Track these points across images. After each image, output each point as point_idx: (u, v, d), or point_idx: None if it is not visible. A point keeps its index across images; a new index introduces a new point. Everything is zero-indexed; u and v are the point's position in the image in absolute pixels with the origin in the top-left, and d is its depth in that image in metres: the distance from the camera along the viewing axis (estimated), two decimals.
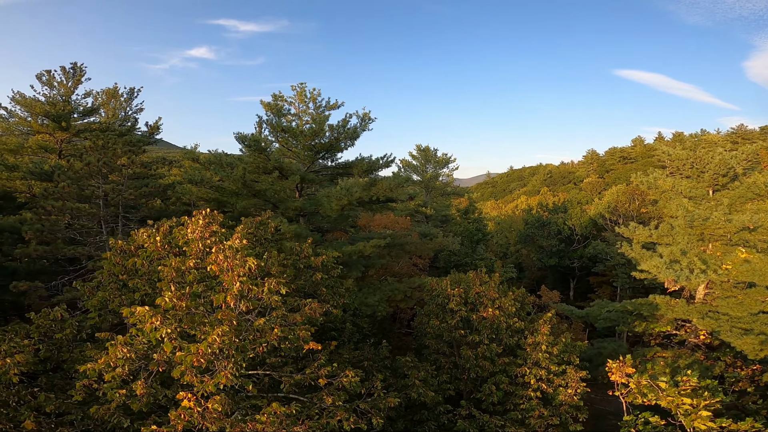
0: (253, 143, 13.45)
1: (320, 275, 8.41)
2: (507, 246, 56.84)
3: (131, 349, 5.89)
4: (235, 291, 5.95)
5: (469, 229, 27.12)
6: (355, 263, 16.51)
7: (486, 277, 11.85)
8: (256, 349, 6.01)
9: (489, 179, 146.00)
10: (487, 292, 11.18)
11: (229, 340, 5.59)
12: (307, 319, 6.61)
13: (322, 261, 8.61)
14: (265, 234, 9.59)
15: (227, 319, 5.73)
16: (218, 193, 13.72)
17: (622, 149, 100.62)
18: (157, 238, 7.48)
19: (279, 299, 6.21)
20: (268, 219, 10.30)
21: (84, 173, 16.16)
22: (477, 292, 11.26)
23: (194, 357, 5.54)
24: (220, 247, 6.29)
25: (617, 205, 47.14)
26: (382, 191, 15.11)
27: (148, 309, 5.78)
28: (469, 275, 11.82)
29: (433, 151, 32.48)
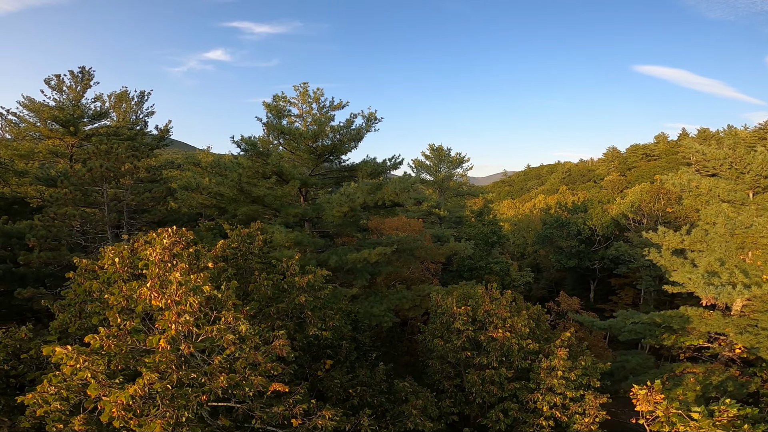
0: (251, 146, 12.49)
1: (305, 297, 7.32)
2: (524, 246, 54.75)
3: (63, 386, 4.99)
4: (173, 333, 4.95)
5: (484, 232, 25.62)
6: (361, 271, 15.40)
7: (497, 293, 10.47)
8: (199, 398, 4.98)
9: (506, 178, 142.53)
10: (497, 311, 9.84)
11: (162, 388, 4.62)
12: (274, 356, 5.55)
13: (308, 281, 7.51)
14: (250, 248, 8.57)
15: (165, 362, 4.75)
16: (216, 199, 12.84)
17: (644, 146, 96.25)
18: (116, 259, 6.54)
19: (234, 338, 5.17)
20: (258, 230, 9.28)
21: (87, 179, 15.61)
22: (486, 310, 9.93)
23: (115, 407, 4.58)
24: (167, 278, 5.29)
25: (641, 204, 44.50)
26: (388, 195, 13.92)
27: (70, 349, 4.85)
28: (477, 291, 10.48)
29: (446, 150, 31.00)
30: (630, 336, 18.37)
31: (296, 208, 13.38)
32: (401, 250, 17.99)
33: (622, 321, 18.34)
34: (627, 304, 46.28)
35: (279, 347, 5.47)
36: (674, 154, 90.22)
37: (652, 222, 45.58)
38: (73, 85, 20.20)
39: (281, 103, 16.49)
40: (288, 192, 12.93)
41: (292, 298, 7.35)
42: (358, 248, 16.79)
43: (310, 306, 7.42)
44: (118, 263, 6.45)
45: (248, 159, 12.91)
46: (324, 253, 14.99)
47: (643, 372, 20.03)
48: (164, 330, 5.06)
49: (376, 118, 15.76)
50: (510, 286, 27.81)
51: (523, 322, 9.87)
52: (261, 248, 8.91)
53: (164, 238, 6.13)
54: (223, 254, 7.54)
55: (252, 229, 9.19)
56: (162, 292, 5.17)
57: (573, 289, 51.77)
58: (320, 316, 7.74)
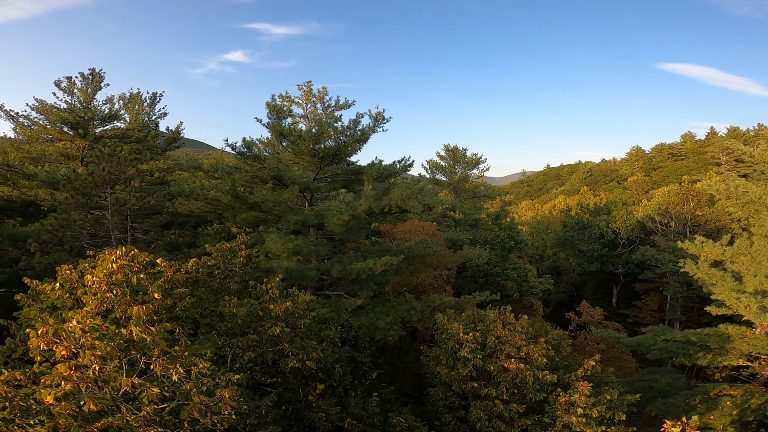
0: (245, 150, 11.46)
1: (280, 329, 6.15)
2: (543, 249, 52.41)
3: None
4: (67, 389, 3.86)
5: (501, 237, 23.98)
6: (366, 281, 14.19)
7: (511, 317, 9.01)
8: None
9: (524, 178, 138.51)
10: (510, 338, 8.42)
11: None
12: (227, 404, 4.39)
13: (286, 309, 6.35)
14: (230, 266, 7.47)
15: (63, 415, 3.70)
16: (212, 205, 11.89)
17: (670, 146, 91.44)
18: (57, 284, 5.56)
19: (158, 391, 4.07)
20: (242, 244, 8.18)
21: (89, 183, 14.99)
22: (498, 336, 8.54)
23: None
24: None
25: (669, 206, 41.61)
26: (395, 201, 12.64)
27: None
28: (488, 314, 9.06)
29: (462, 151, 29.37)
30: (660, 355, 16.51)
31: (297, 215, 12.28)
32: (412, 256, 16.69)
33: (652, 338, 16.49)
34: (652, 309, 43.56)
35: (225, 401, 4.32)
36: (702, 154, 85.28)
37: (681, 225, 42.62)
38: (83, 87, 19.75)
39: (285, 103, 15.44)
40: (287, 198, 11.84)
41: (266, 328, 6.20)
42: (365, 256, 15.57)
43: (287, 337, 6.26)
44: (58, 289, 5.45)
45: (245, 163, 11.89)
46: (327, 261, 13.86)
47: (674, 393, 18.06)
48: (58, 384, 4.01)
49: (384, 118, 14.47)
50: (528, 293, 26.07)
51: (540, 351, 8.43)
52: (244, 265, 7.80)
53: (112, 259, 5.08)
54: (192, 276, 6.46)
55: (235, 243, 8.09)
56: (57, 340, 4.11)
57: (594, 293, 49.14)
58: (301, 345, 6.59)
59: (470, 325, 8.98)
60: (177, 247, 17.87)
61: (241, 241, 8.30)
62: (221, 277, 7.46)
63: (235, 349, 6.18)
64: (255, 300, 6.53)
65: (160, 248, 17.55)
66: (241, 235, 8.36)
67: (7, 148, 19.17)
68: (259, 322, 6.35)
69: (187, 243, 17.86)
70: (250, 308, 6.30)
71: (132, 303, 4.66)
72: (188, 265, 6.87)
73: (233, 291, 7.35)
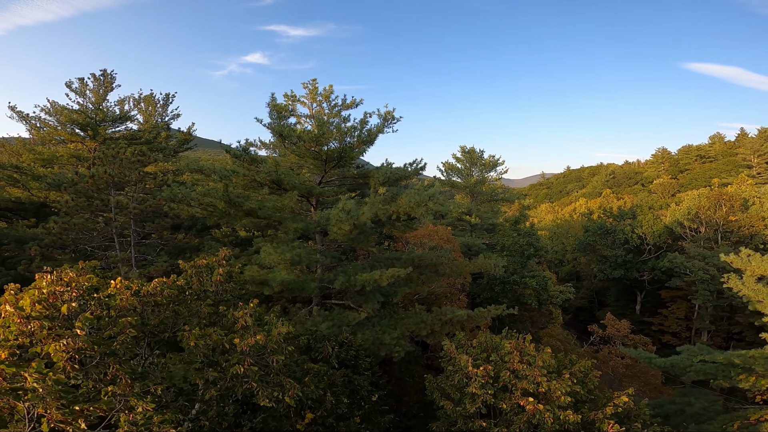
0: (241, 153, 10.48)
1: (244, 367, 5.01)
2: (563, 253, 50.02)
3: None
4: None
5: (519, 243, 22.37)
6: (372, 293, 13.02)
7: (531, 348, 7.56)
8: None
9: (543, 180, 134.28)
10: (529, 372, 7.04)
11: None
12: None
13: (255, 343, 5.21)
14: (203, 285, 6.43)
15: None
16: (208, 211, 10.97)
17: (698, 147, 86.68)
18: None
19: None
20: (224, 259, 7.13)
21: (90, 185, 14.40)
22: (515, 369, 7.18)
23: None
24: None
25: (699, 211, 38.76)
26: (403, 208, 11.42)
27: None
28: (504, 344, 7.68)
29: (479, 152, 27.77)
30: (697, 377, 14.69)
31: (297, 222, 11.22)
32: (422, 265, 15.43)
33: (688, 359, 14.68)
34: (678, 318, 40.84)
35: None
36: (732, 156, 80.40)
37: (711, 231, 39.67)
38: (95, 88, 19.33)
39: (290, 102, 14.42)
40: (286, 204, 10.79)
41: (231, 363, 5.09)
42: (373, 265, 14.39)
43: (254, 376, 5.14)
44: None
45: (241, 166, 10.92)
46: (330, 272, 12.76)
47: (710, 418, 16.15)
48: None
49: (394, 118, 13.24)
50: (547, 301, 24.34)
51: (563, 389, 7.05)
52: (223, 284, 6.74)
53: (42, 283, 4.09)
54: (150, 300, 5.44)
55: (215, 258, 7.04)
56: None
57: (617, 300, 46.49)
58: (277, 382, 5.46)
59: (482, 354, 7.67)
60: (183, 251, 17.17)
61: (222, 255, 7.24)
62: (193, 298, 6.42)
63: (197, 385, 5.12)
64: (221, 330, 5.44)
65: (164, 252, 16.91)
66: (224, 249, 7.30)
67: (19, 150, 18.93)
68: (224, 356, 5.27)
69: (193, 247, 17.14)
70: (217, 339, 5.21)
71: (52, 338, 3.65)
72: (150, 287, 5.85)
73: (205, 315, 6.28)
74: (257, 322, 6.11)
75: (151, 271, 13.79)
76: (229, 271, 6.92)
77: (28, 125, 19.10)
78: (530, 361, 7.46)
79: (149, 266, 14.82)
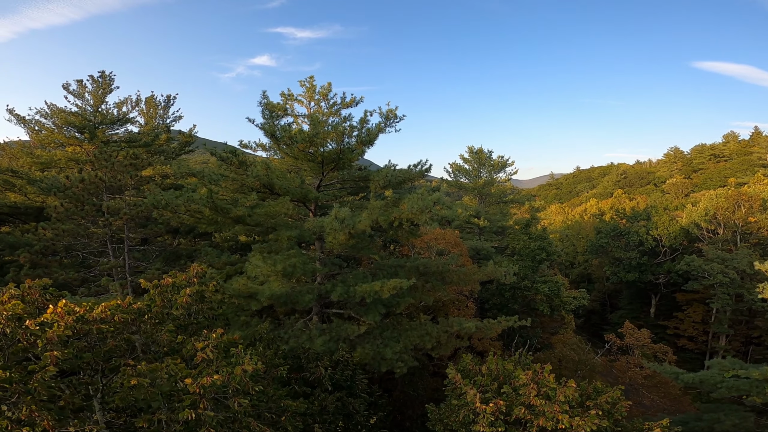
0: (227, 156, 9.50)
1: (195, 412, 3.94)
2: (574, 255, 48.24)
3: None
4: None
5: (531, 247, 21.04)
6: (373, 304, 11.91)
7: (550, 378, 6.34)
8: None
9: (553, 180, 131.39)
10: (548, 408, 5.84)
11: None
12: None
13: (212, 383, 4.12)
14: (166, 308, 5.41)
15: None
16: (195, 218, 10.01)
17: (712, 146, 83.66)
18: None
19: None
20: (194, 277, 6.10)
21: (80, 190, 13.60)
22: (530, 404, 5.99)
23: None
24: None
25: (717, 212, 36.77)
26: (406, 214, 10.29)
27: None
28: (518, 374, 6.49)
29: (487, 153, 26.46)
30: (729, 393, 13.26)
31: (290, 230, 10.18)
32: (428, 273, 14.27)
33: (719, 374, 13.25)
34: (695, 321, 38.93)
35: None
36: (747, 155, 77.34)
37: (730, 233, 37.64)
38: (94, 90, 18.60)
39: (287, 101, 13.39)
40: (278, 210, 9.75)
41: (184, 405, 4.04)
42: (375, 273, 13.29)
43: (211, 422, 4.07)
44: None
45: (228, 170, 9.93)
46: (328, 282, 11.68)
47: None
48: None
49: (396, 116, 12.09)
50: (560, 308, 22.93)
51: (588, 426, 5.85)
52: (190, 306, 5.70)
53: None
54: (97, 327, 4.44)
55: (183, 277, 6.01)
56: None
57: (630, 303, 44.56)
58: (243, 426, 4.40)
59: (492, 384, 6.51)
60: (179, 257, 16.30)
61: (194, 272, 6.20)
62: (153, 323, 5.39)
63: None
64: (175, 364, 4.39)
65: (161, 258, 16.06)
66: (195, 264, 6.27)
67: (18, 153, 18.31)
68: (177, 395, 4.23)
69: (190, 252, 16.27)
70: (169, 377, 4.16)
71: None
72: (97, 311, 4.83)
73: (164, 343, 5.25)
74: (223, 354, 5.05)
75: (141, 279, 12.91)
76: (200, 290, 5.87)
77: (26, 128, 18.46)
78: (549, 394, 6.28)
79: (142, 273, 13.98)
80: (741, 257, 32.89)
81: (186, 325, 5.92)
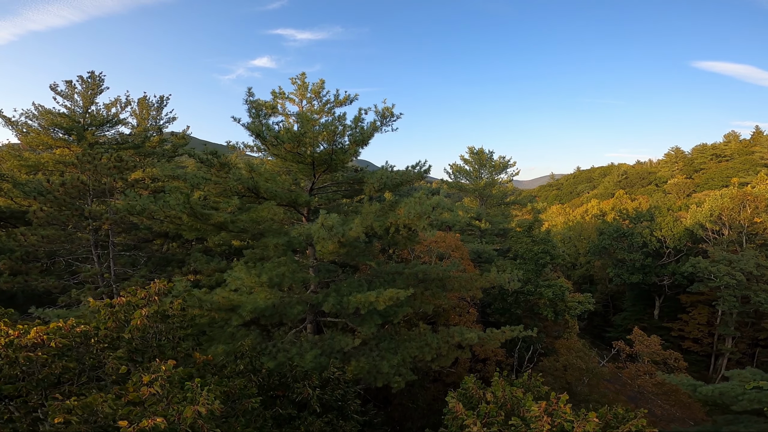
0: (207, 158, 8.62)
1: None
2: (575, 256, 47.15)
3: None
4: None
5: (534, 251, 20.07)
6: (369, 314, 10.99)
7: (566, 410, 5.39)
8: None
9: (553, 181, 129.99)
10: None
11: None
12: None
13: (155, 427, 3.24)
14: (117, 330, 4.53)
15: None
16: (175, 224, 9.14)
17: (713, 146, 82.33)
18: None
19: None
20: (156, 294, 5.21)
21: (61, 194, 12.76)
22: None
23: None
24: None
25: (722, 212, 35.66)
26: (402, 220, 9.38)
27: None
28: (528, 403, 5.54)
29: (488, 154, 25.49)
30: (751, 406, 12.25)
31: (278, 237, 9.29)
32: (428, 280, 13.35)
33: (740, 386, 12.24)
34: (699, 323, 37.79)
35: None
36: (749, 155, 76.03)
37: (735, 234, 36.52)
38: (83, 91, 17.78)
39: (278, 100, 12.51)
40: (263, 216, 8.87)
41: None
42: (371, 280, 12.37)
43: None
44: None
45: (208, 172, 9.05)
46: (320, 292, 10.77)
47: None
48: None
49: (393, 115, 11.17)
50: (564, 313, 21.94)
51: None
52: (146, 329, 4.81)
53: None
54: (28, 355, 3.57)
55: (143, 294, 5.12)
56: None
57: (633, 305, 43.41)
58: None
59: (497, 415, 5.60)
60: (169, 263, 15.43)
61: (155, 289, 5.30)
62: (101, 347, 4.49)
63: None
64: (113, 399, 3.52)
65: (150, 264, 15.20)
66: (156, 280, 5.38)
67: (6, 156, 17.52)
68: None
69: (179, 258, 15.39)
70: (105, 415, 3.30)
71: None
72: (30, 336, 3.95)
73: (112, 371, 4.35)
74: (179, 387, 4.14)
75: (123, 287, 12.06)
76: (160, 310, 4.97)
77: (14, 130, 17.67)
78: (566, 427, 5.35)
79: (128, 280, 13.13)
80: (748, 258, 31.81)
81: (143, 349, 5.01)
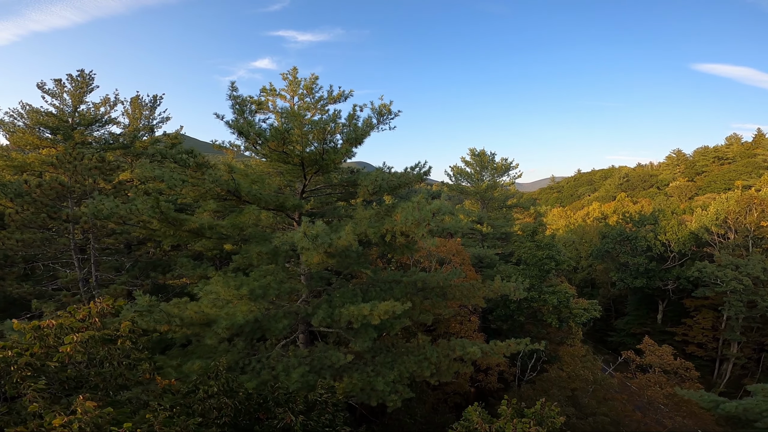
0: (183, 158, 7.68)
1: None
2: (577, 259, 45.99)
3: None
4: None
5: (538, 256, 19.04)
6: (363, 329, 9.99)
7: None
8: None
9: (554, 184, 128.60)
10: None
11: None
12: None
13: None
14: (42, 358, 3.60)
15: None
16: (147, 230, 8.21)
17: (715, 148, 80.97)
18: None
19: None
20: (97, 315, 4.26)
21: (39, 195, 11.86)
22: None
23: None
24: None
25: (728, 216, 34.47)
26: (399, 227, 8.41)
27: None
28: None
29: (490, 156, 24.46)
30: None
31: (261, 245, 8.34)
32: (427, 288, 12.36)
33: (764, 401, 11.15)
34: (704, 328, 36.55)
35: None
36: (751, 157, 74.63)
37: (741, 237, 35.30)
38: (73, 90, 16.91)
39: (268, 97, 11.55)
40: (244, 221, 7.92)
41: None
42: (366, 290, 11.39)
43: None
44: None
45: (183, 173, 8.11)
46: (310, 302, 9.79)
47: None
48: None
49: (390, 112, 10.19)
50: (568, 320, 20.87)
51: None
52: (74, 356, 3.85)
53: None
54: None
55: (82, 315, 4.16)
56: None
57: (636, 309, 42.18)
58: None
59: None
60: (154, 267, 14.51)
61: (96, 309, 4.33)
62: (22, 374, 3.54)
63: None
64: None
65: (135, 269, 14.29)
66: (99, 298, 4.41)
67: None
68: None
69: (165, 263, 14.47)
70: None
71: None
72: None
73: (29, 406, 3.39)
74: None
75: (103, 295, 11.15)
76: (100, 336, 4.00)
77: (2, 130, 16.80)
78: None
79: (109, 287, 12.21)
80: (755, 263, 30.61)
81: (78, 379, 4.04)
